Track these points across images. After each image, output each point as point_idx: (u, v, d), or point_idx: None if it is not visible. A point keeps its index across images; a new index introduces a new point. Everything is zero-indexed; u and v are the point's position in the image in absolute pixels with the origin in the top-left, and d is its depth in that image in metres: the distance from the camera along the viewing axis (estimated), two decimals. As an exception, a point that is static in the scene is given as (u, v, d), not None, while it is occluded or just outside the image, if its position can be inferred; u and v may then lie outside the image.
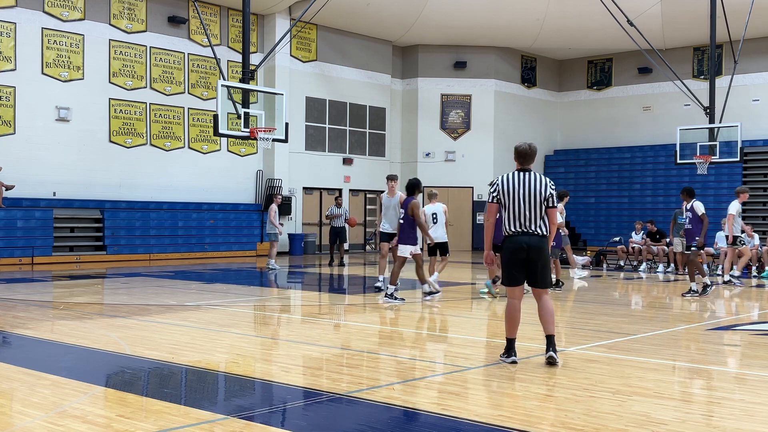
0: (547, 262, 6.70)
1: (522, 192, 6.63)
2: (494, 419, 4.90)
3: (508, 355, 6.71)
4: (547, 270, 6.69)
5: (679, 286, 15.03)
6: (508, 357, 6.69)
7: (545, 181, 6.73)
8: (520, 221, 6.62)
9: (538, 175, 6.75)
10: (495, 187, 6.78)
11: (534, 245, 6.59)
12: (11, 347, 7.76)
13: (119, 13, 21.60)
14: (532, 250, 6.58)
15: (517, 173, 6.75)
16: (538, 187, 6.65)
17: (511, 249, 6.66)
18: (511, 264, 6.67)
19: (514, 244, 6.64)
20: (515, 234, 6.65)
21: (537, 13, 25.89)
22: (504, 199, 6.69)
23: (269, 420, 4.92)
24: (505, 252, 6.70)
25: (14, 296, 12.03)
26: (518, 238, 6.62)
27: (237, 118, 16.77)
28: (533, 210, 6.61)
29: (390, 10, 25.33)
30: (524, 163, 6.81)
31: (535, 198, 6.62)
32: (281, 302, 12.56)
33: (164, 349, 7.39)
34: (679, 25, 25.65)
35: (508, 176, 6.75)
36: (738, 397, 5.75)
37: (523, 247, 6.58)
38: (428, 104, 28.69)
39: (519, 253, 6.59)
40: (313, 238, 25.19)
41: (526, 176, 6.70)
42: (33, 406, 5.13)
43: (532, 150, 6.80)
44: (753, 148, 25.66)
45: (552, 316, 6.68)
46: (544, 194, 6.65)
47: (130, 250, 21.04)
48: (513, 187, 6.66)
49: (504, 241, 6.74)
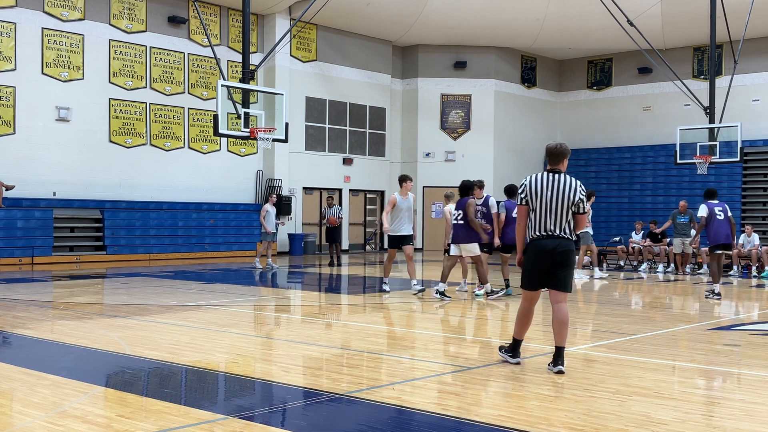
0: (572, 266, 6.46)
1: (550, 194, 6.38)
2: (494, 419, 4.90)
3: (513, 355, 6.62)
4: (570, 274, 6.44)
5: (679, 287, 15.03)
6: (513, 357, 6.61)
7: (575, 185, 6.43)
8: (545, 224, 6.38)
9: (568, 177, 6.48)
10: (523, 188, 6.53)
11: (560, 249, 6.35)
12: (11, 347, 7.76)
13: (119, 13, 21.60)
14: (557, 254, 6.34)
15: (547, 174, 6.49)
16: (567, 191, 6.39)
17: (535, 253, 6.42)
18: (534, 268, 6.45)
19: (539, 248, 6.41)
20: (541, 237, 6.41)
21: (537, 13, 25.89)
22: (531, 201, 6.45)
23: (269, 420, 4.92)
24: (529, 255, 6.48)
25: (14, 296, 12.02)
26: (544, 242, 6.38)
27: (237, 118, 16.76)
28: (560, 214, 6.37)
29: (390, 10, 25.33)
30: (554, 163, 6.55)
31: (563, 202, 6.37)
32: (281, 302, 12.56)
33: (164, 349, 7.39)
34: (679, 25, 25.64)
35: (537, 177, 6.50)
36: (738, 397, 5.75)
37: (548, 251, 6.35)
38: (428, 104, 28.69)
39: (544, 257, 6.37)
40: (313, 238, 25.20)
41: (556, 178, 6.44)
42: (33, 406, 5.13)
43: (562, 149, 6.54)
44: (753, 148, 25.65)
45: (566, 326, 6.40)
46: (573, 199, 6.38)
47: (130, 250, 21.04)
48: (541, 188, 6.41)
49: (528, 245, 6.52)
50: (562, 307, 6.41)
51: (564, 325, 6.36)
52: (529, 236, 6.52)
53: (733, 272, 17.81)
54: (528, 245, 6.53)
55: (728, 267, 18.07)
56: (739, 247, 18.07)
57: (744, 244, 18.14)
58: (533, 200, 6.43)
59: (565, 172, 6.56)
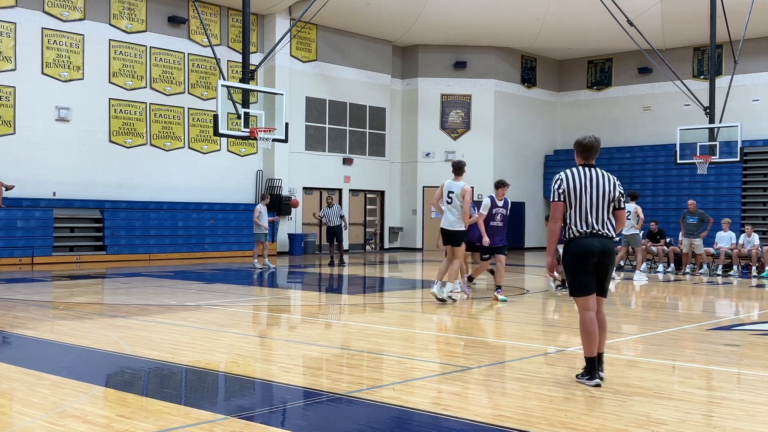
0: (613, 267, 6.09)
1: (590, 189, 5.97)
2: (494, 419, 4.90)
3: (591, 377, 5.90)
4: (611, 277, 6.08)
5: (680, 287, 15.03)
6: (591, 379, 5.89)
7: (613, 180, 6.09)
8: (589, 221, 5.94)
9: (604, 172, 6.11)
10: (560, 183, 6.04)
11: (606, 248, 5.95)
12: (11, 347, 7.76)
13: (119, 13, 21.60)
14: (604, 254, 5.93)
15: (583, 169, 6.06)
16: (607, 185, 6.01)
17: (580, 253, 5.93)
18: (581, 270, 5.95)
19: (583, 248, 5.92)
20: (583, 236, 5.95)
21: (537, 13, 25.89)
22: (571, 196, 5.99)
23: (269, 420, 4.92)
24: (572, 257, 5.97)
25: (14, 296, 12.02)
26: (588, 241, 5.92)
27: (237, 118, 16.76)
28: (602, 209, 5.97)
29: (390, 10, 25.33)
30: (588, 158, 6.12)
31: (604, 197, 5.98)
32: (281, 302, 12.56)
33: (164, 349, 7.39)
34: (679, 25, 25.65)
35: (573, 172, 6.04)
36: (738, 397, 5.75)
37: (594, 251, 5.90)
38: (428, 104, 28.69)
39: (590, 257, 5.91)
40: (313, 238, 25.19)
41: (593, 172, 6.05)
42: (33, 406, 5.13)
43: (597, 143, 6.12)
44: (753, 148, 25.65)
45: (606, 331, 6.05)
46: (613, 194, 6.01)
47: (130, 250, 21.04)
48: (581, 183, 5.98)
49: (569, 245, 6.02)
50: (602, 312, 6.07)
51: (604, 328, 6.04)
52: (568, 234, 6.05)
53: (733, 272, 17.81)
54: (568, 245, 6.05)
55: (728, 267, 18.06)
56: (740, 247, 18.06)
57: (744, 244, 18.13)
58: (572, 196, 5.99)
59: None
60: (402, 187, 28.95)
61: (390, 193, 28.49)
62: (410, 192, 28.72)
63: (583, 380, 5.97)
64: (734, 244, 18.23)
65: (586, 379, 5.95)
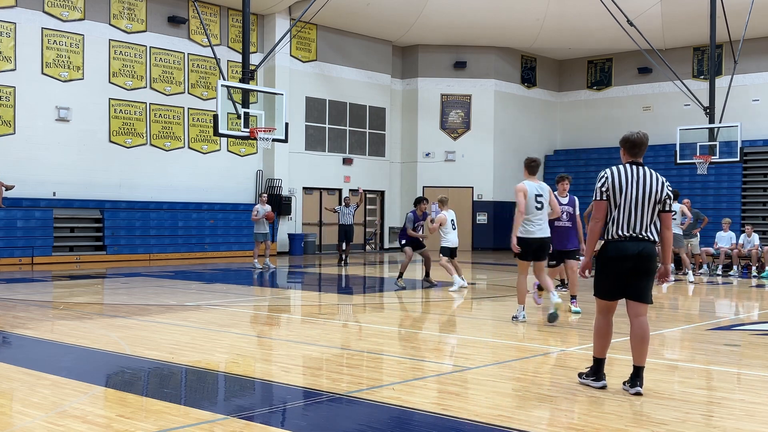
0: (654, 274, 5.73)
1: (635, 189, 5.62)
2: (494, 419, 4.90)
3: (597, 378, 5.77)
4: (651, 283, 5.70)
5: (680, 287, 15.03)
6: (598, 380, 5.75)
7: (661, 179, 5.72)
8: (630, 224, 5.61)
9: (652, 171, 5.75)
10: (604, 180, 5.71)
11: (645, 253, 5.59)
12: (11, 347, 7.76)
13: (119, 13, 21.60)
14: (642, 259, 5.59)
15: (630, 167, 5.70)
16: (654, 185, 5.65)
17: (612, 258, 5.64)
18: (612, 274, 5.67)
19: (617, 252, 5.62)
20: (622, 239, 5.62)
21: (537, 13, 25.89)
22: (616, 195, 5.64)
23: (269, 420, 4.92)
24: (606, 260, 5.68)
25: (14, 296, 12.02)
26: (625, 245, 5.61)
27: (237, 118, 16.76)
28: (647, 212, 5.62)
29: (390, 10, 25.33)
30: (635, 155, 5.73)
31: (650, 198, 5.62)
32: (281, 302, 12.56)
33: (164, 349, 7.39)
34: (679, 25, 25.65)
35: (620, 169, 5.70)
36: (738, 397, 5.75)
37: (631, 255, 5.58)
38: (428, 104, 28.69)
39: (625, 261, 5.59)
40: (312, 238, 25.19)
41: (640, 171, 5.68)
42: (33, 406, 5.13)
43: (646, 139, 5.77)
44: (753, 148, 25.66)
45: (646, 343, 5.67)
46: (661, 195, 5.65)
47: (130, 250, 21.04)
48: (626, 182, 5.63)
49: (606, 245, 5.71)
50: (642, 321, 5.68)
51: (644, 341, 5.65)
52: (607, 236, 5.73)
53: (733, 272, 17.81)
54: (605, 247, 5.74)
55: (728, 267, 18.05)
56: (740, 247, 18.05)
57: (744, 244, 18.13)
58: (617, 195, 5.64)
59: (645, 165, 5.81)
60: (402, 187, 28.95)
61: (390, 193, 28.49)
62: (410, 192, 28.69)
63: (587, 381, 5.78)
64: (734, 244, 18.23)
65: (591, 379, 5.76)
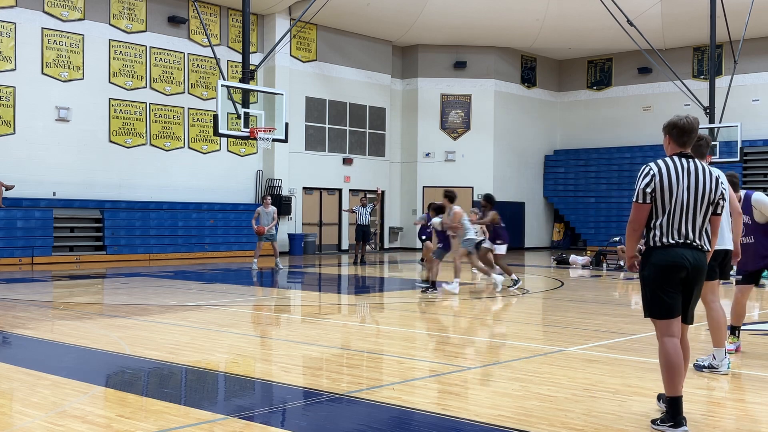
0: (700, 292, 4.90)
1: (685, 188, 4.71)
2: (494, 419, 4.90)
3: (675, 424, 4.57)
4: (697, 300, 4.86)
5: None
6: (677, 426, 4.56)
7: (716, 174, 4.87)
8: (682, 230, 4.70)
9: (705, 164, 4.87)
10: (650, 179, 4.72)
11: (698, 264, 4.73)
12: (11, 347, 7.76)
13: (119, 13, 21.60)
14: (695, 270, 4.73)
15: (679, 160, 4.77)
16: (708, 182, 4.77)
17: (665, 266, 4.68)
18: (665, 286, 4.70)
19: (671, 260, 4.67)
20: (672, 245, 4.70)
21: (537, 13, 25.89)
22: (664, 197, 4.70)
23: (269, 420, 4.92)
24: (656, 269, 4.70)
25: (14, 296, 12.02)
26: (678, 251, 4.68)
27: (237, 118, 16.75)
28: (699, 216, 4.74)
29: (390, 10, 25.33)
30: (686, 145, 4.82)
31: (704, 197, 4.73)
32: (281, 302, 12.56)
33: (164, 349, 7.39)
34: (679, 25, 25.66)
35: (668, 165, 4.75)
36: (738, 397, 5.75)
37: (684, 265, 4.68)
38: (428, 104, 28.70)
39: (678, 271, 4.68)
40: (312, 238, 25.19)
41: (692, 165, 4.77)
42: (33, 406, 5.13)
43: (697, 124, 4.84)
44: (753, 148, 25.67)
45: (686, 368, 4.87)
46: (715, 194, 4.78)
47: (130, 250, 21.04)
48: (676, 179, 4.70)
49: (652, 253, 4.75)
50: (686, 341, 4.96)
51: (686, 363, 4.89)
52: (655, 242, 4.76)
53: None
54: (653, 255, 4.75)
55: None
56: None
57: None
58: (665, 196, 4.70)
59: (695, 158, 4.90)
60: (402, 187, 28.95)
61: (390, 193, 28.49)
62: (410, 192, 28.72)
63: (663, 426, 4.61)
64: (734, 244, 18.19)
65: (669, 426, 4.58)
